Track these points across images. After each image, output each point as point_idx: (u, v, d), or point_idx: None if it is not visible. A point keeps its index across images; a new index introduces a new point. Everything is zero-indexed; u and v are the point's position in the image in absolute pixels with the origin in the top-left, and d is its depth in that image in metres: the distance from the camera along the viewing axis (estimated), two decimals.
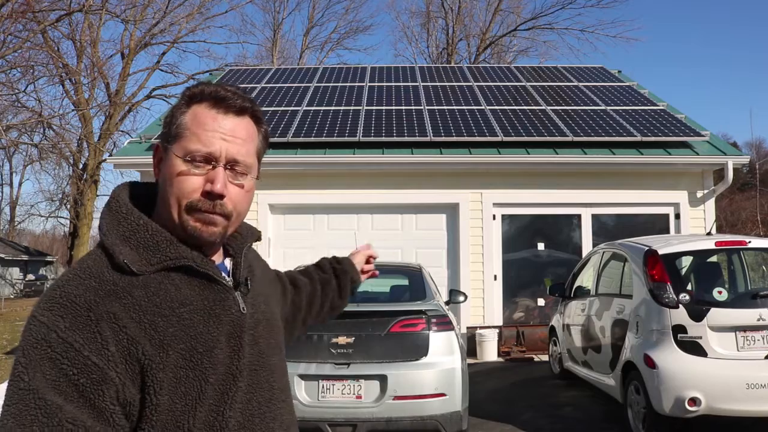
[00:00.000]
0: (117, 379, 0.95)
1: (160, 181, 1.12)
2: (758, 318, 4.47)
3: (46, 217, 34.88)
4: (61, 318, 0.95)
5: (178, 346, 1.01)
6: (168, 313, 1.03)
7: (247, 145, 1.13)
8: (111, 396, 0.94)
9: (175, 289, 1.06)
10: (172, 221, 1.09)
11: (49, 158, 28.32)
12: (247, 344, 1.12)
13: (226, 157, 1.09)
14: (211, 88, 1.12)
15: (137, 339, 0.98)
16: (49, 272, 40.18)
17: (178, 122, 1.11)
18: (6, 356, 10.74)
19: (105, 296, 0.99)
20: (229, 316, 1.10)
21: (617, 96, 11.25)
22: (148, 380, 0.98)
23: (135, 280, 1.03)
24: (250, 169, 1.13)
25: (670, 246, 5.04)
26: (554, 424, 5.44)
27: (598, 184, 9.23)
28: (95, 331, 0.95)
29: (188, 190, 1.07)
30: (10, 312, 20.90)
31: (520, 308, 9.38)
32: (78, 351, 0.93)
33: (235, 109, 1.12)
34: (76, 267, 1.04)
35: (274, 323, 1.26)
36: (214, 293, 1.10)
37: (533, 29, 29.76)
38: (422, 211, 9.36)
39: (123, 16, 27.42)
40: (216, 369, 1.05)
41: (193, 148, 1.08)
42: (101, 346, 0.95)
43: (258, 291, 1.24)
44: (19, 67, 21.70)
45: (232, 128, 1.11)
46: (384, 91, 11.70)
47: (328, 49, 35.15)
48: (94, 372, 0.93)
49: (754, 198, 20.68)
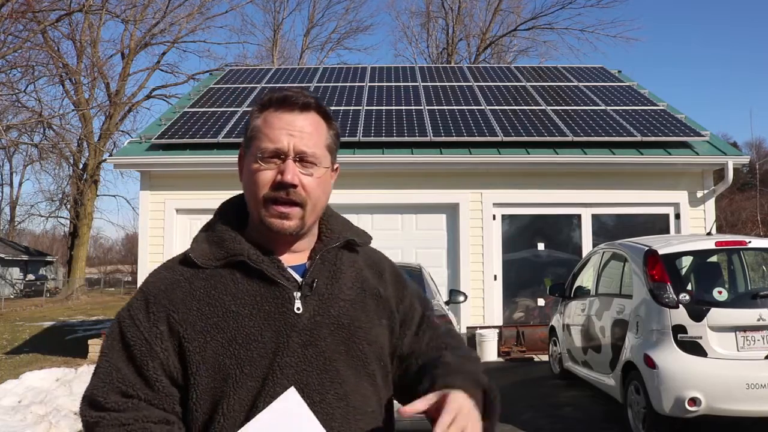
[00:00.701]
0: (162, 354, 1.12)
1: (243, 183, 1.25)
2: (758, 318, 4.46)
3: (46, 217, 34.96)
4: (136, 300, 1.18)
5: (218, 335, 1.12)
6: (217, 303, 1.14)
7: (314, 138, 1.20)
8: (155, 366, 1.11)
9: (233, 283, 1.16)
10: (255, 218, 1.21)
11: (49, 158, 28.34)
12: (298, 344, 1.14)
13: (294, 150, 1.17)
14: (277, 93, 1.23)
15: (182, 323, 1.13)
16: (49, 272, 40.17)
17: (251, 127, 1.23)
18: (6, 356, 10.73)
19: (170, 284, 1.17)
20: (280, 314, 1.15)
21: (617, 96, 11.25)
22: (187, 359, 1.12)
23: (201, 272, 1.17)
24: (319, 160, 1.20)
25: (670, 246, 5.04)
26: (554, 424, 5.44)
27: (598, 184, 9.23)
28: (152, 312, 1.14)
29: (262, 184, 1.18)
30: (10, 312, 20.90)
31: (520, 308, 9.38)
32: (137, 327, 1.14)
33: (299, 106, 1.20)
34: (165, 261, 1.24)
35: (354, 331, 1.20)
36: (268, 290, 1.16)
37: (533, 29, 29.80)
38: (422, 211, 9.36)
39: (123, 16, 27.44)
40: (254, 362, 1.11)
41: (263, 146, 1.18)
42: (153, 325, 1.13)
43: (334, 295, 1.21)
44: (19, 67, 21.71)
45: (298, 124, 1.19)
46: (384, 91, 11.70)
47: (328, 49, 35.22)
48: (144, 345, 1.12)
49: (754, 198, 20.68)
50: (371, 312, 1.24)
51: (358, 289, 1.25)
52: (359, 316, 1.22)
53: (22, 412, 6.16)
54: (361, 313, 1.23)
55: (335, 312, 1.19)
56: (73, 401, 6.61)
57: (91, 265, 45.46)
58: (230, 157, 9.04)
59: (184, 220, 9.34)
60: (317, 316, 1.17)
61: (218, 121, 9.98)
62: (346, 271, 1.25)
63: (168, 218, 9.22)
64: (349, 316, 1.20)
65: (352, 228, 1.33)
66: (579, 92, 11.55)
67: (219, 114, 10.34)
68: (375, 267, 1.32)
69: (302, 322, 1.15)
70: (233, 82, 12.45)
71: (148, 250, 9.19)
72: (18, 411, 6.24)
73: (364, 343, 1.21)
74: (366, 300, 1.25)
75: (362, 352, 1.20)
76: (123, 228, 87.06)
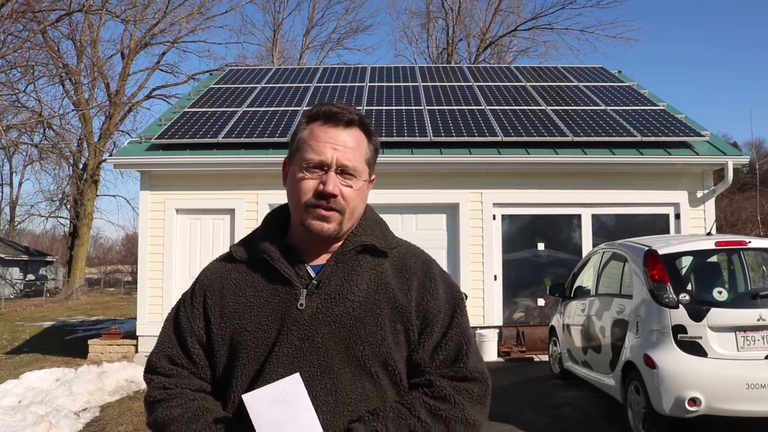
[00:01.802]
0: (198, 332, 1.32)
1: (287, 189, 1.35)
2: (758, 318, 4.46)
3: (46, 217, 34.93)
4: (191, 285, 1.40)
5: (235, 321, 1.29)
6: (241, 294, 1.31)
7: (356, 153, 1.31)
8: (193, 341, 1.32)
9: (257, 277, 1.31)
10: (296, 221, 1.32)
11: (49, 158, 28.34)
12: (296, 337, 1.24)
13: (337, 163, 1.28)
14: (324, 107, 1.32)
15: (213, 307, 1.32)
16: (49, 272, 40.13)
17: (298, 138, 1.34)
18: (6, 356, 10.73)
19: (213, 275, 1.36)
20: (286, 308, 1.26)
21: (617, 96, 11.25)
22: (212, 338, 1.30)
23: (237, 266, 1.35)
24: (359, 173, 1.31)
25: (670, 246, 5.04)
26: (554, 424, 5.43)
27: (598, 184, 9.23)
28: (195, 296, 1.35)
29: (305, 191, 1.28)
30: (10, 312, 20.90)
31: (520, 308, 9.38)
32: (185, 308, 1.36)
33: (344, 122, 1.30)
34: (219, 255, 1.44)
35: (356, 331, 1.24)
36: (281, 286, 1.29)
37: (533, 29, 29.80)
38: (422, 211, 9.36)
39: (123, 16, 27.43)
40: (257, 348, 1.25)
41: (308, 157, 1.29)
42: (193, 306, 1.34)
43: (342, 295, 1.27)
44: (19, 67, 21.71)
45: (342, 139, 1.29)
46: (384, 91, 11.70)
47: (328, 49, 35.22)
48: (186, 323, 1.34)
49: (754, 198, 20.66)
50: (383, 316, 1.27)
51: (372, 292, 1.28)
52: (366, 317, 1.25)
53: (22, 412, 6.16)
54: (369, 315, 1.26)
55: (339, 311, 1.25)
56: (73, 401, 6.62)
57: (91, 265, 45.45)
58: (230, 157, 9.05)
59: (184, 220, 9.34)
60: (319, 313, 1.25)
61: (218, 121, 9.97)
62: (363, 274, 1.30)
63: (168, 218, 9.22)
64: (353, 317, 1.25)
65: (380, 233, 1.37)
66: (579, 92, 11.55)
67: (219, 114, 10.33)
68: (403, 273, 1.33)
69: (303, 317, 1.25)
70: (233, 82, 12.44)
71: (148, 250, 9.19)
72: (18, 411, 6.24)
73: (365, 344, 1.24)
74: (379, 303, 1.27)
75: (362, 352, 1.24)
76: (123, 228, 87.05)
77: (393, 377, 1.26)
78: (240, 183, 9.13)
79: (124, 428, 5.81)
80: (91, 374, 7.61)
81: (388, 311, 1.27)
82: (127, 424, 5.89)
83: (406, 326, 1.28)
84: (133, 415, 6.20)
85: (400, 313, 1.28)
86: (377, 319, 1.26)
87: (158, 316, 9.04)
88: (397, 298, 1.28)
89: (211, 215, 9.33)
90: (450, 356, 1.29)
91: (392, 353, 1.26)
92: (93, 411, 6.48)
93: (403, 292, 1.30)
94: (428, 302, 1.31)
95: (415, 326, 1.29)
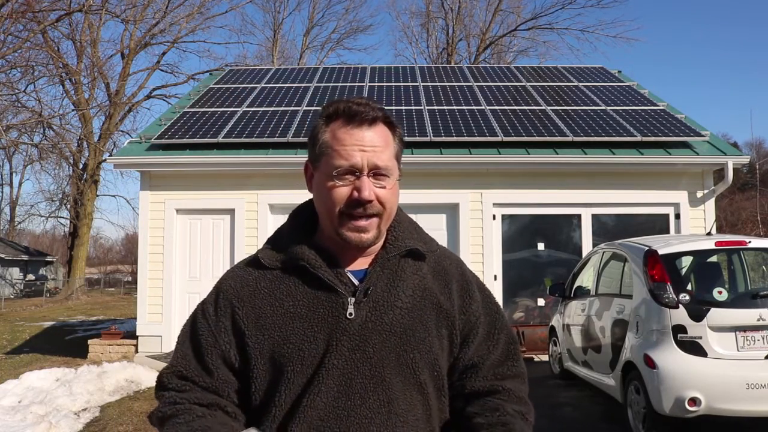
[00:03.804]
0: (224, 346, 1.22)
1: (315, 196, 1.28)
2: (758, 318, 4.46)
3: (46, 217, 34.90)
4: (210, 295, 1.29)
5: (275, 333, 1.20)
6: (277, 303, 1.22)
7: (386, 151, 1.23)
8: (216, 355, 1.22)
9: (294, 285, 1.23)
10: (329, 229, 1.24)
11: (49, 158, 28.33)
12: (346, 348, 1.18)
13: (368, 166, 1.20)
14: (343, 104, 1.24)
15: (245, 319, 1.22)
16: (49, 272, 40.14)
17: (320, 142, 1.25)
18: (6, 356, 10.73)
19: (239, 283, 1.26)
20: (333, 318, 1.19)
21: (617, 96, 11.25)
22: (248, 353, 1.21)
23: (267, 273, 1.25)
24: (391, 171, 1.23)
25: (670, 246, 5.04)
26: (554, 424, 5.43)
27: (598, 184, 9.22)
28: (220, 307, 1.25)
29: (338, 200, 1.20)
30: (10, 312, 20.89)
31: (520, 308, 9.38)
32: (206, 320, 1.26)
33: (368, 121, 1.22)
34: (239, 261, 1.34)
35: (406, 339, 1.21)
36: (325, 295, 1.21)
37: (533, 29, 29.80)
38: (422, 211, 9.35)
39: (123, 16, 27.42)
40: (304, 361, 1.18)
41: (337, 164, 1.20)
42: (219, 319, 1.24)
43: (390, 302, 1.22)
44: (19, 67, 21.70)
45: (369, 138, 1.21)
46: (384, 91, 11.70)
47: (328, 49, 35.22)
48: (209, 336, 1.24)
49: (754, 198, 20.67)
50: (429, 321, 1.24)
51: (418, 298, 1.25)
52: (414, 324, 1.22)
53: (22, 412, 6.16)
54: (417, 322, 1.23)
55: (388, 319, 1.21)
56: (73, 401, 6.62)
57: (91, 265, 45.44)
58: (230, 157, 9.04)
59: (184, 220, 9.34)
60: (369, 322, 1.20)
61: (218, 121, 9.97)
62: (407, 279, 1.26)
63: (168, 218, 9.22)
64: (402, 324, 1.21)
65: (419, 235, 1.33)
66: (579, 92, 11.55)
67: (219, 114, 10.33)
68: (442, 276, 1.30)
69: (353, 327, 1.19)
70: (233, 82, 12.44)
71: (148, 250, 9.19)
72: (18, 411, 6.24)
73: (415, 351, 1.21)
74: (425, 309, 1.25)
75: (413, 360, 1.21)
76: (123, 228, 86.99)
77: (437, 383, 1.25)
78: (240, 183, 9.13)
79: (124, 428, 5.81)
80: (91, 374, 7.61)
81: (434, 317, 1.25)
82: (127, 424, 5.89)
83: (450, 330, 1.26)
84: (133, 415, 6.20)
85: (444, 317, 1.26)
86: (425, 325, 1.23)
87: (158, 316, 9.04)
88: (440, 302, 1.26)
89: (211, 215, 9.33)
90: (501, 356, 1.32)
91: (439, 359, 1.24)
92: (93, 411, 6.48)
93: (446, 296, 1.28)
94: (469, 305, 1.30)
95: (458, 330, 1.27)
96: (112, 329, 9.93)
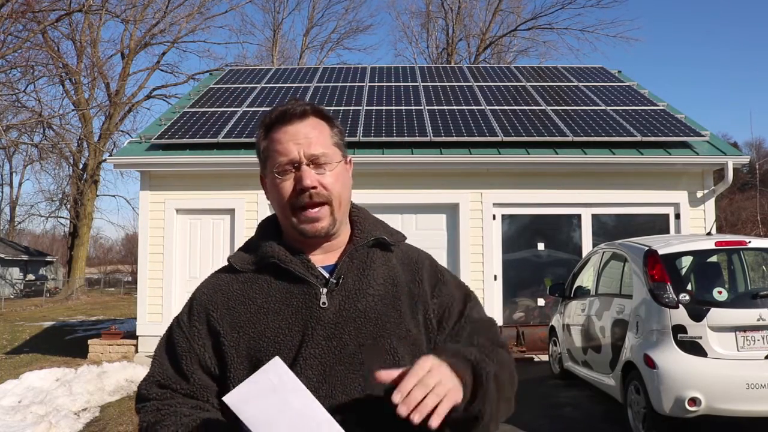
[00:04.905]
0: (199, 350, 1.24)
1: (270, 199, 1.32)
2: (758, 318, 4.46)
3: (46, 217, 34.94)
4: (185, 306, 1.32)
5: (250, 330, 1.22)
6: (250, 302, 1.24)
7: (320, 139, 1.27)
8: (193, 360, 1.24)
9: (266, 283, 1.26)
10: (287, 227, 1.28)
11: (49, 158, 28.33)
12: (322, 337, 1.20)
13: (306, 156, 1.24)
14: (276, 111, 1.29)
15: (220, 320, 1.24)
16: (49, 272, 40.14)
17: (262, 149, 1.31)
18: (6, 356, 10.73)
19: (212, 289, 1.30)
20: (307, 309, 1.22)
21: (617, 96, 11.25)
22: (224, 353, 1.22)
23: (239, 276, 1.29)
24: (330, 158, 1.27)
25: (670, 246, 5.04)
26: (554, 424, 5.44)
27: (598, 184, 9.22)
28: (194, 313, 1.28)
29: (284, 194, 1.25)
30: (10, 312, 20.89)
31: (520, 308, 9.39)
32: (180, 328, 1.28)
33: (297, 115, 1.27)
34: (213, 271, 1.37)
35: (382, 325, 1.23)
36: (297, 287, 1.24)
37: (533, 29, 29.81)
38: (422, 211, 9.36)
39: (123, 16, 27.43)
40: (281, 354, 1.16)
41: (277, 161, 1.25)
42: (193, 325, 1.27)
43: (362, 290, 1.25)
44: (19, 67, 21.71)
45: (302, 131, 1.26)
46: (384, 91, 11.70)
47: (328, 49, 35.22)
48: (184, 343, 1.26)
49: (754, 198, 20.66)
50: (404, 308, 1.27)
51: (390, 286, 1.28)
52: (388, 311, 1.25)
53: (22, 412, 6.16)
54: (391, 308, 1.26)
55: (362, 306, 1.23)
56: (73, 401, 6.62)
57: (91, 265, 45.43)
58: (230, 157, 9.04)
59: (184, 220, 9.34)
60: (343, 310, 1.22)
61: (218, 121, 9.97)
62: (377, 269, 1.29)
63: (168, 218, 9.22)
64: (376, 311, 1.24)
65: (384, 228, 1.37)
66: (579, 92, 11.55)
67: (219, 114, 10.33)
68: (411, 265, 1.34)
69: (327, 316, 1.21)
70: (233, 82, 12.44)
71: (148, 250, 9.19)
72: (18, 411, 6.24)
73: (393, 337, 1.23)
74: (398, 296, 1.28)
75: (391, 346, 1.23)
76: (123, 228, 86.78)
77: None
78: (240, 183, 9.13)
79: (124, 428, 5.81)
80: (91, 374, 7.61)
81: (407, 302, 1.28)
82: (127, 424, 5.89)
83: (425, 315, 1.29)
84: (133, 415, 6.19)
85: (417, 303, 1.29)
86: (400, 311, 1.26)
87: (158, 316, 9.04)
88: (411, 290, 1.30)
89: (211, 215, 9.33)
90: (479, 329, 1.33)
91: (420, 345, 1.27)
92: (93, 411, 6.48)
93: (416, 283, 1.31)
94: (441, 289, 1.34)
95: (433, 315, 1.30)
96: (112, 329, 9.94)
